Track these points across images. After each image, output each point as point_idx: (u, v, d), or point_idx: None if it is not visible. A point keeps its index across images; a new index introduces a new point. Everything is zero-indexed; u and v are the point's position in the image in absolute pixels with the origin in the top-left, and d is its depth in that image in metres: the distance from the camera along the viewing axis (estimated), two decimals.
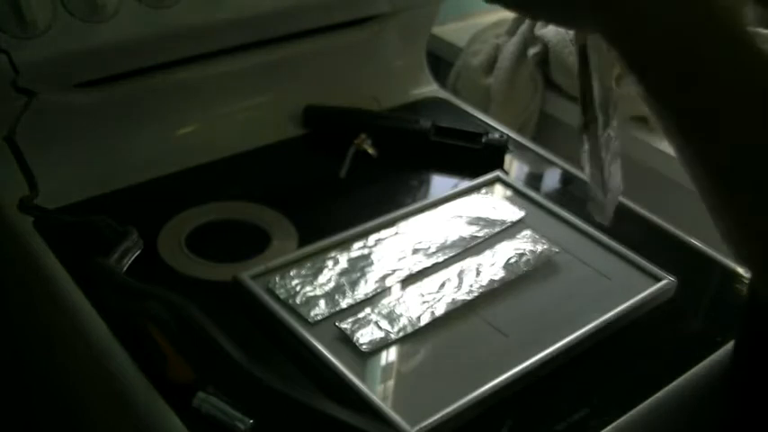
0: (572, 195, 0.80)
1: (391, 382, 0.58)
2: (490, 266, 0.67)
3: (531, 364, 0.58)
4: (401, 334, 0.60)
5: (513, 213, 0.75)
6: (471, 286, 0.65)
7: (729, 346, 0.61)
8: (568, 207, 0.75)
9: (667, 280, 0.67)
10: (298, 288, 0.64)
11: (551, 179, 0.85)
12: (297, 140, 0.86)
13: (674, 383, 0.59)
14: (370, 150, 0.82)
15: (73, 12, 0.68)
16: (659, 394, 0.58)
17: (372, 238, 0.70)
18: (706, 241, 0.73)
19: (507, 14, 1.16)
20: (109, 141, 0.78)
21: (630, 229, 0.74)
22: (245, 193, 0.76)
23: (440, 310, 0.62)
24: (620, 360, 0.62)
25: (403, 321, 0.61)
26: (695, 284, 0.70)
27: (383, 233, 0.71)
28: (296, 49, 0.87)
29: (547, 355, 0.59)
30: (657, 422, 0.57)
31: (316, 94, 0.89)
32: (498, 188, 0.79)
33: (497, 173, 0.80)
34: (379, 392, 0.56)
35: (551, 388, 0.58)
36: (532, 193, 0.78)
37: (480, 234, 0.72)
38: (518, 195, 0.78)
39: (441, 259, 0.68)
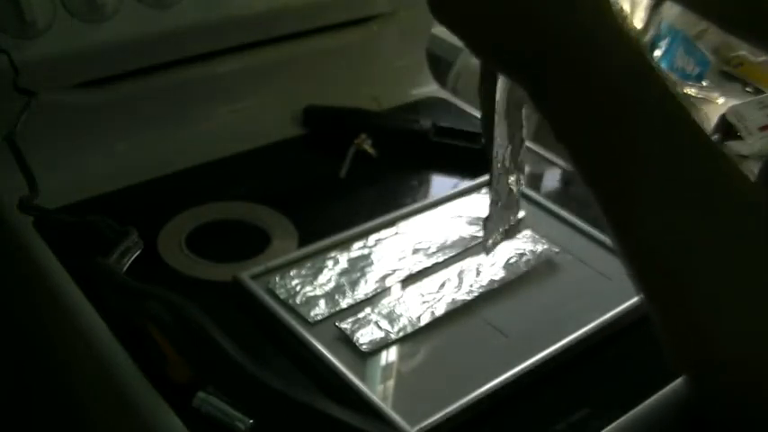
0: (572, 195, 0.80)
1: (391, 382, 0.58)
2: (490, 266, 0.67)
3: (531, 364, 0.58)
4: (401, 334, 0.60)
5: None
6: (471, 286, 0.65)
7: None
8: (568, 207, 0.75)
9: None
10: (298, 288, 0.64)
11: (551, 179, 0.85)
12: (297, 140, 0.86)
13: (675, 383, 0.59)
14: (370, 150, 0.82)
15: (73, 12, 0.68)
16: (659, 394, 0.58)
17: (372, 238, 0.70)
18: None
19: None
20: (109, 141, 0.78)
21: None
22: (245, 193, 0.76)
23: (440, 310, 0.62)
24: (621, 360, 0.62)
25: (403, 321, 0.61)
26: None
27: (383, 233, 0.71)
28: (296, 49, 0.87)
29: (547, 355, 0.59)
30: (658, 422, 0.57)
31: (316, 94, 0.89)
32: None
33: None
34: (379, 392, 0.56)
35: (551, 388, 0.58)
36: (532, 193, 0.78)
37: (480, 234, 0.72)
38: None
39: (441, 259, 0.68)
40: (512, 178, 0.55)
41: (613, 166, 0.37)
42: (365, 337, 0.60)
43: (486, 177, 0.78)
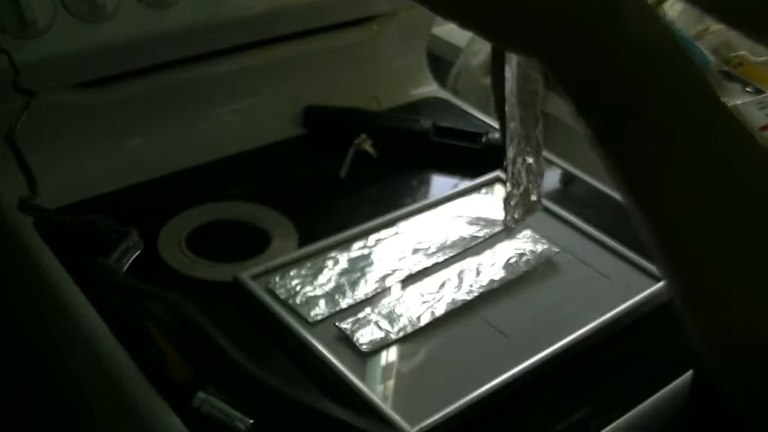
0: (572, 195, 0.80)
1: (391, 382, 0.58)
2: (490, 266, 0.67)
3: (531, 364, 0.58)
4: (401, 334, 0.60)
5: None
6: (471, 286, 0.65)
7: None
8: (568, 207, 0.75)
9: None
10: (298, 288, 0.64)
11: (551, 179, 0.85)
12: (297, 140, 0.86)
13: (674, 383, 0.59)
14: (370, 150, 0.82)
15: (73, 12, 0.68)
16: (659, 394, 0.58)
17: (372, 238, 0.70)
18: None
19: None
20: (109, 141, 0.78)
21: (630, 229, 0.74)
22: (245, 193, 0.76)
23: (440, 310, 0.62)
24: (620, 360, 0.62)
25: (403, 321, 0.61)
26: None
27: (383, 233, 0.71)
28: (296, 49, 0.87)
29: (547, 355, 0.59)
30: (658, 422, 0.57)
31: (316, 94, 0.89)
32: (498, 188, 0.79)
33: (497, 173, 0.80)
34: (379, 392, 0.56)
35: (551, 388, 0.58)
36: None
37: (480, 234, 0.72)
38: None
39: (441, 259, 0.68)
40: (530, 160, 0.54)
41: (642, 152, 0.36)
42: (365, 337, 0.60)
43: (485, 177, 0.79)
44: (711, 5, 0.58)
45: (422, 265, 0.67)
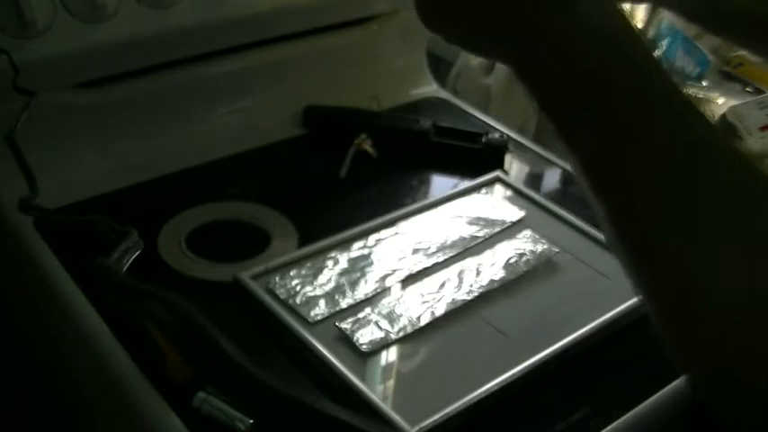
0: (572, 195, 0.80)
1: (391, 382, 0.58)
2: (490, 266, 0.67)
3: (531, 364, 0.58)
4: (401, 334, 0.60)
5: (513, 213, 0.75)
6: (471, 286, 0.65)
7: None
8: (568, 207, 0.75)
9: None
10: (298, 288, 0.64)
11: (551, 179, 0.85)
12: (297, 140, 0.86)
13: (675, 383, 0.59)
14: (370, 150, 0.82)
15: (73, 12, 0.68)
16: (659, 394, 0.58)
17: (372, 238, 0.70)
18: None
19: None
20: (109, 141, 0.78)
21: None
22: (245, 193, 0.76)
23: (440, 310, 0.62)
24: (620, 360, 0.62)
25: (403, 321, 0.61)
26: None
27: (383, 233, 0.71)
28: (296, 49, 0.87)
29: (547, 354, 0.59)
30: (658, 421, 0.57)
31: (316, 94, 0.89)
32: (498, 188, 0.79)
33: (497, 173, 0.80)
34: (379, 392, 0.56)
35: (551, 388, 0.58)
36: (532, 193, 0.78)
37: (480, 234, 0.72)
38: (518, 195, 0.78)
39: (441, 259, 0.68)
40: None
41: (602, 149, 0.35)
42: (365, 337, 0.60)
43: (485, 177, 0.79)
44: (696, 15, 0.58)
45: (422, 265, 0.67)
